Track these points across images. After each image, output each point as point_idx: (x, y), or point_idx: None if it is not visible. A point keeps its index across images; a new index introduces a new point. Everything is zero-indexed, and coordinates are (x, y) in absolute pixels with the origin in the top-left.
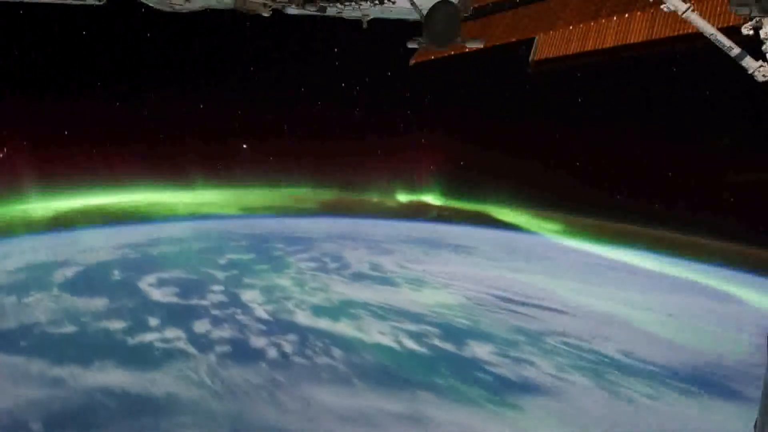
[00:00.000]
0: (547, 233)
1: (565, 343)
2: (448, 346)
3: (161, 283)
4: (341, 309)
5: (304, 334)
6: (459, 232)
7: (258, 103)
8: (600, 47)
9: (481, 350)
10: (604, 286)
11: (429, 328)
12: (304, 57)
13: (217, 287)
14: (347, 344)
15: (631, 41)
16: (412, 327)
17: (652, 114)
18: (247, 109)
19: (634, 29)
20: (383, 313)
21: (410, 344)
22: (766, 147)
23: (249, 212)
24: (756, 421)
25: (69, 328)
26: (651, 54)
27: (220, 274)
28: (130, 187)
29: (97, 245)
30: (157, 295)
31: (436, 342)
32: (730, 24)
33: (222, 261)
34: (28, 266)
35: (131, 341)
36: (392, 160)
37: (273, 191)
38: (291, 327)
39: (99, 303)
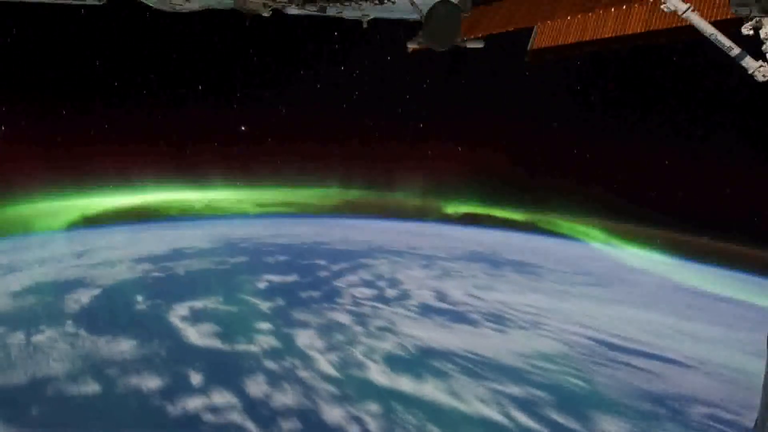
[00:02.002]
0: (602, 244)
1: (713, 417)
2: (571, 423)
3: (196, 317)
4: (422, 361)
5: (387, 401)
6: (511, 242)
7: (262, 101)
8: (598, 37)
9: (615, 429)
10: (711, 324)
11: (537, 392)
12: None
13: (264, 325)
14: (445, 419)
15: (630, 32)
16: (517, 390)
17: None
18: (251, 105)
19: (633, 21)
20: (474, 367)
21: (522, 418)
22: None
23: (268, 211)
24: (756, 420)
25: (92, 387)
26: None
27: (263, 305)
28: (141, 186)
29: (114, 257)
30: (194, 335)
31: (554, 415)
32: (728, 17)
33: (261, 284)
34: (36, 286)
35: (173, 410)
36: (419, 159)
37: (288, 189)
38: (368, 389)
39: (125, 346)
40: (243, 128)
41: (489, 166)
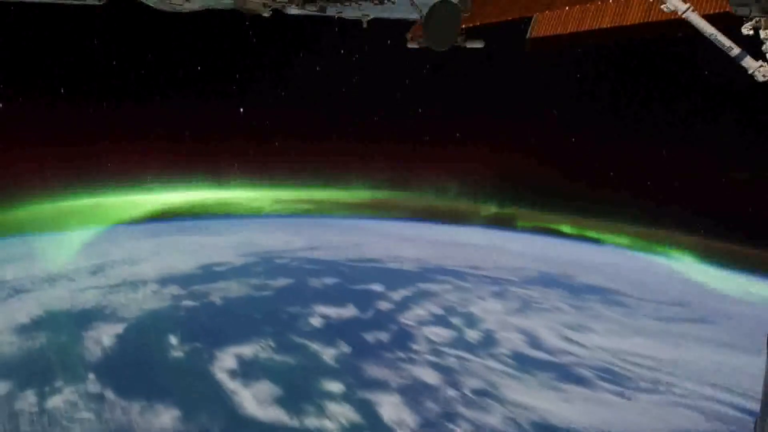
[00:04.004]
0: (671, 259)
1: None
2: None
3: (247, 372)
4: None
5: None
6: (578, 258)
7: (261, 84)
8: (597, 27)
9: None
10: None
11: None
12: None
13: (333, 385)
14: None
15: (628, 23)
16: None
17: None
18: (249, 89)
19: (632, 12)
20: None
21: None
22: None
23: (287, 210)
24: (756, 421)
25: None
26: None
27: (326, 353)
28: (149, 184)
29: (134, 274)
30: (250, 401)
31: None
32: (727, 9)
33: (315, 321)
34: (47, 316)
35: None
36: (447, 159)
37: (299, 186)
38: None
39: (166, 418)
40: (241, 110)
41: (515, 167)
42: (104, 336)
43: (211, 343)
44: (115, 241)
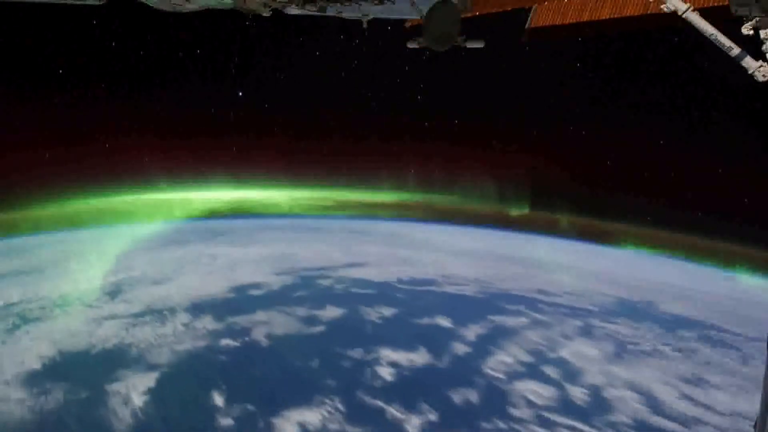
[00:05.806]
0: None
1: None
2: None
3: None
4: None
5: None
6: (654, 280)
7: (260, 68)
8: (596, 18)
9: None
10: None
11: None
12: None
13: None
14: None
15: (628, 14)
16: None
17: None
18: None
19: (631, 3)
20: None
21: None
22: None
23: (306, 211)
24: (756, 421)
25: None
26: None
27: (408, 422)
28: (157, 184)
29: (158, 298)
30: None
31: None
32: (725, 3)
33: (385, 372)
34: (62, 360)
35: None
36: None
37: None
38: None
39: None
40: (240, 94)
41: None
42: (133, 392)
43: (266, 404)
44: (131, 251)
